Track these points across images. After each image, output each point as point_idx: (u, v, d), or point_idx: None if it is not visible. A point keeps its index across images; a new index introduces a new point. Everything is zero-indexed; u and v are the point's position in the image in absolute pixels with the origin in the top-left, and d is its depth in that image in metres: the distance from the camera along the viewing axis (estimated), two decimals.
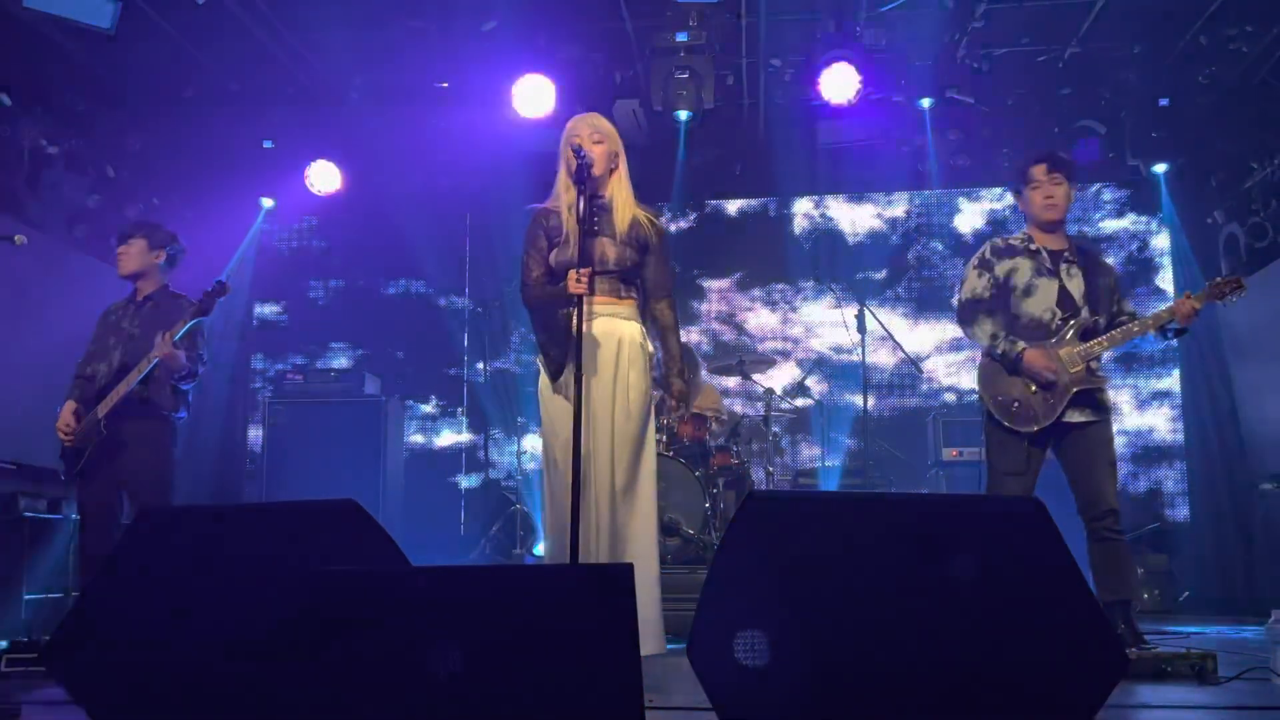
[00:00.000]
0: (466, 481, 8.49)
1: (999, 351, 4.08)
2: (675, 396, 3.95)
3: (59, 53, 6.48)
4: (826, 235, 8.54)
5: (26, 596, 5.87)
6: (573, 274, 3.57)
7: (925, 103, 7.23)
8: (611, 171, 3.85)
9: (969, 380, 8.10)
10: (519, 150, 7.59)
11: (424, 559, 2.53)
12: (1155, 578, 7.13)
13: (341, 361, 8.59)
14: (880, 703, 1.96)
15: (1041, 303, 4.11)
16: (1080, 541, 3.87)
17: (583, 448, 3.47)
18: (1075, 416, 4.01)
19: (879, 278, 8.41)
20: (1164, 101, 7.28)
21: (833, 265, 8.29)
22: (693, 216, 8.64)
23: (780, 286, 8.50)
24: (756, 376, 7.14)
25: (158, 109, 7.40)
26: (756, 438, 7.18)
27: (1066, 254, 4.18)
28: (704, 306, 8.58)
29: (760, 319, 8.51)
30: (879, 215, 8.51)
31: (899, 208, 8.50)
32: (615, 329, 3.79)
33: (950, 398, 8.15)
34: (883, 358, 8.23)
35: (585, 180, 3.65)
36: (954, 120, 7.64)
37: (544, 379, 3.83)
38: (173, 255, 4.80)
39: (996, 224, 8.32)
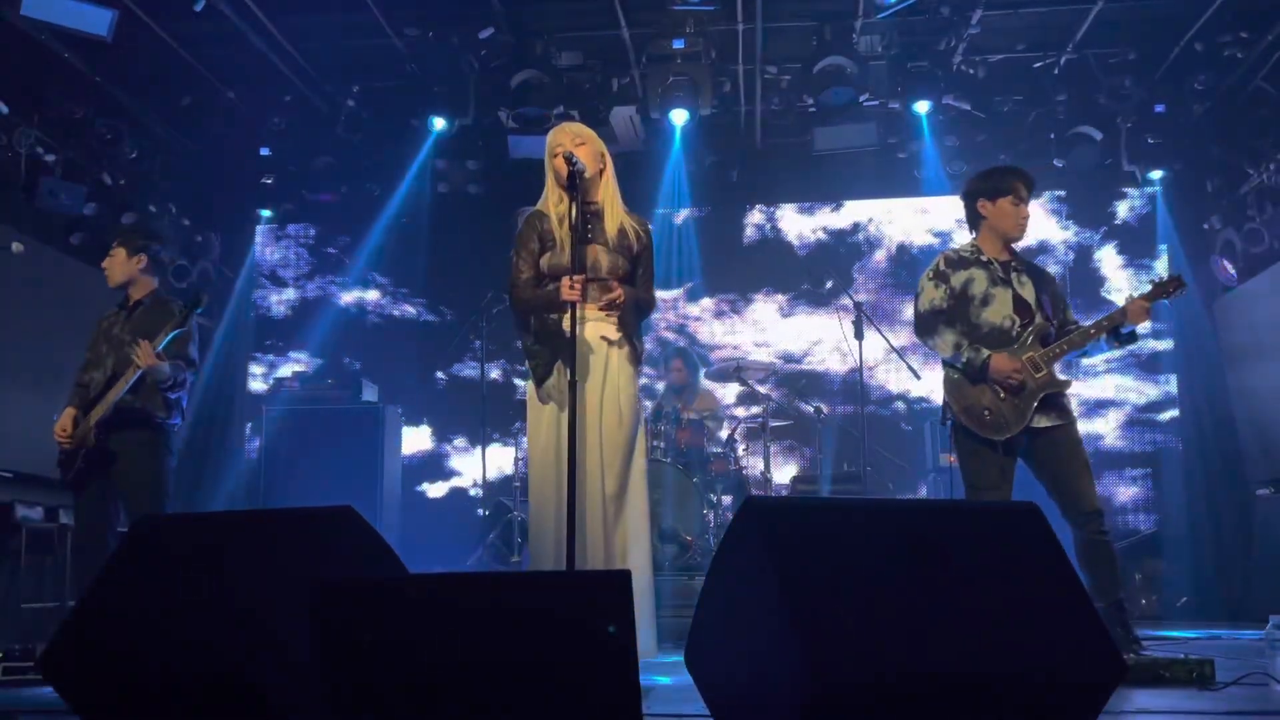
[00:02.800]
0: (435, 490, 8.47)
1: (963, 360, 4.07)
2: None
3: (56, 61, 6.48)
4: (821, 242, 8.54)
5: (23, 605, 5.86)
6: (566, 281, 3.56)
7: (921, 109, 7.24)
8: (600, 172, 3.84)
9: (919, 387, 8.12)
10: (506, 156, 7.63)
11: (420, 565, 2.54)
12: (1152, 583, 7.12)
13: (299, 369, 8.59)
14: (879, 708, 1.95)
15: (1000, 311, 4.14)
16: (1069, 546, 3.87)
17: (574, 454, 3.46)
18: (1043, 421, 4.02)
19: (871, 283, 8.43)
20: (1160, 108, 7.29)
21: (825, 271, 8.30)
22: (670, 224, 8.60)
23: (768, 293, 8.51)
24: (754, 383, 7.15)
25: (155, 117, 7.41)
26: (753, 444, 7.18)
27: (1014, 264, 4.24)
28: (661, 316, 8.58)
29: (736, 328, 8.52)
30: (871, 222, 8.52)
31: (894, 213, 8.50)
32: (605, 333, 3.78)
33: (900, 405, 8.17)
34: (834, 364, 8.30)
35: (578, 187, 3.63)
36: (950, 127, 7.66)
37: (531, 384, 3.82)
38: (155, 256, 4.74)
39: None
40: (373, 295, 8.77)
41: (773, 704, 2.04)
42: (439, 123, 7.28)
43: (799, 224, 8.55)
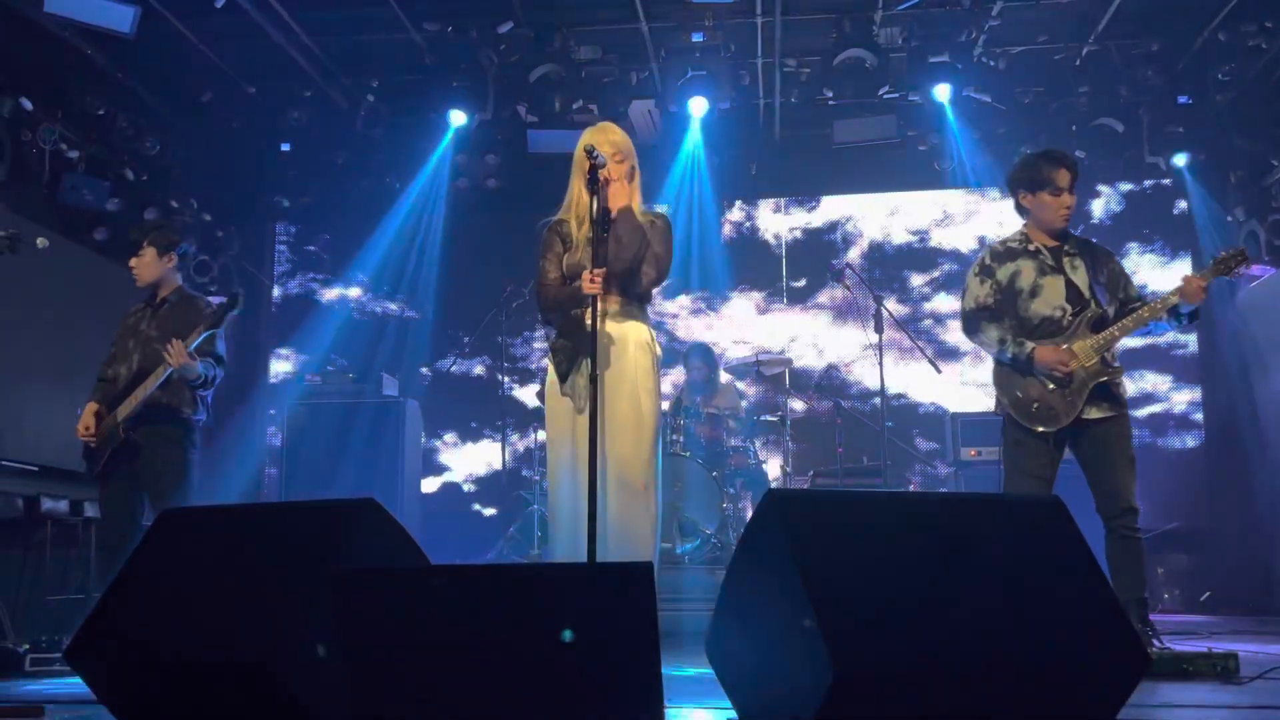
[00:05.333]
0: (427, 485, 8.49)
1: (1009, 355, 4.03)
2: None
3: (79, 57, 6.53)
4: (838, 235, 8.52)
5: (48, 597, 5.91)
6: (586, 275, 3.60)
7: (942, 99, 7.18)
8: (625, 178, 3.86)
9: (898, 383, 8.13)
10: (525, 150, 7.62)
11: (438, 559, 2.55)
12: (1176, 578, 7.08)
13: (287, 367, 8.61)
14: (901, 701, 1.95)
15: (1050, 301, 4.06)
16: (1097, 539, 3.84)
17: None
18: (1094, 413, 3.96)
19: (901, 277, 8.39)
20: (1183, 98, 7.22)
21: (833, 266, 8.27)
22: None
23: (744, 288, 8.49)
24: (773, 377, 7.15)
25: (176, 113, 7.45)
26: (772, 438, 7.18)
27: (1066, 248, 4.14)
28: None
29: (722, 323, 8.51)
30: (894, 215, 8.49)
31: (916, 206, 8.47)
32: (625, 328, 3.81)
33: (877, 402, 8.12)
34: (810, 360, 8.32)
35: (598, 179, 3.64)
36: (971, 119, 7.61)
37: (551, 379, 3.85)
38: (184, 255, 4.80)
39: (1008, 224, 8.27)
40: (362, 292, 8.79)
41: (792, 695, 2.04)
42: (458, 117, 7.29)
43: (775, 221, 8.57)
